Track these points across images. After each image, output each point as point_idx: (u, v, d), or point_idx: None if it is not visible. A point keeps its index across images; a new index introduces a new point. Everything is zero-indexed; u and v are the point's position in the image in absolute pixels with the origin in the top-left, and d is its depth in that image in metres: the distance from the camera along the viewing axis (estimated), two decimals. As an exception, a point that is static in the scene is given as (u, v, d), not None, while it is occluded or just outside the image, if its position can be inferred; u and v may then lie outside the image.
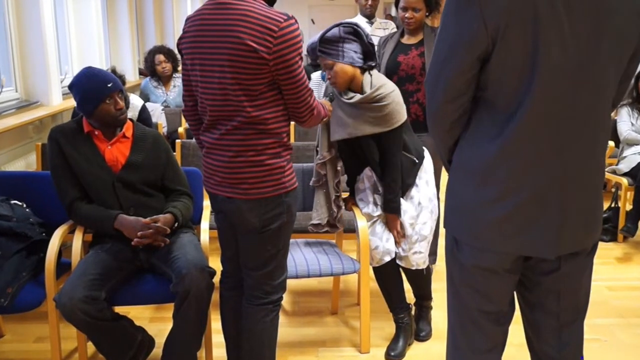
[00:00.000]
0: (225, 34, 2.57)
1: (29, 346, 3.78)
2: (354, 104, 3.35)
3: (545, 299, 2.16)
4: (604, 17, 1.81)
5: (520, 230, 1.95)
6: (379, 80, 3.37)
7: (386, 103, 3.33)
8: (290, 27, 2.58)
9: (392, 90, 3.37)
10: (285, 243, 2.91)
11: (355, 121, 3.38)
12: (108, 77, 3.23)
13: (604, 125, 1.97)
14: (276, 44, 2.54)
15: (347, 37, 3.27)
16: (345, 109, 3.40)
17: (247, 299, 2.96)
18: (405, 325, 3.70)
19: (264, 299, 2.92)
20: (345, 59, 3.29)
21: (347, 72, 3.31)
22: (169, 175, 3.44)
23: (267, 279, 2.91)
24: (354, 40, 3.29)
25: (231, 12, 2.58)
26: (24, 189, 3.64)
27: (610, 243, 5.64)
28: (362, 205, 3.63)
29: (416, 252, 3.54)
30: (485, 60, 1.87)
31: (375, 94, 3.31)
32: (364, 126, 3.37)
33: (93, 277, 3.02)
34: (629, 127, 5.76)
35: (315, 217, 3.70)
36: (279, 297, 2.98)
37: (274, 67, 2.57)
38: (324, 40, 3.29)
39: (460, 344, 2.23)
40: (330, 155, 3.58)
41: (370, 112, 3.35)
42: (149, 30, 10.40)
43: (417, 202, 3.55)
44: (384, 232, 3.54)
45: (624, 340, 3.86)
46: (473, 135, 2.01)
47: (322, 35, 3.29)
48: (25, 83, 5.63)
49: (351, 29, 3.28)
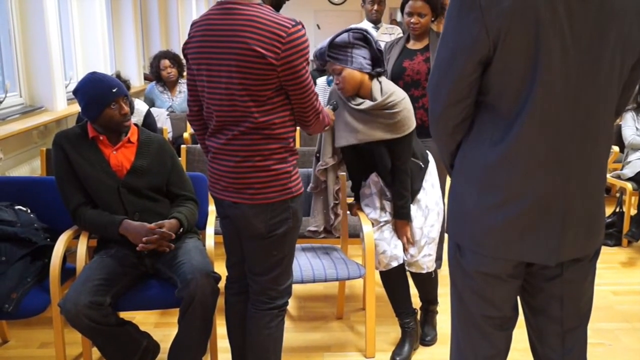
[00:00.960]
0: (232, 39, 2.57)
1: (33, 352, 3.77)
2: (365, 110, 3.34)
3: (548, 305, 2.15)
4: (606, 21, 1.80)
5: (522, 237, 1.95)
6: (388, 88, 3.36)
7: (398, 110, 3.32)
8: (298, 33, 2.57)
9: (403, 97, 3.37)
10: (291, 248, 2.91)
11: (366, 127, 3.37)
12: (113, 82, 3.24)
13: (606, 131, 1.97)
14: (284, 49, 2.54)
15: (357, 42, 3.27)
16: (355, 115, 3.39)
17: (253, 304, 2.95)
18: (411, 330, 3.69)
19: (269, 304, 2.92)
20: (354, 65, 3.28)
21: (355, 77, 3.31)
22: (174, 181, 3.44)
23: (273, 284, 2.90)
24: (363, 46, 3.28)
25: (238, 17, 2.57)
26: (29, 195, 3.64)
27: (614, 248, 5.63)
28: (368, 211, 3.62)
29: (425, 254, 3.55)
30: (487, 64, 1.87)
31: (387, 100, 3.31)
32: (376, 132, 3.36)
33: (98, 283, 3.02)
34: (633, 132, 5.75)
35: (312, 224, 3.72)
36: (285, 302, 2.97)
37: (281, 72, 2.57)
38: (333, 45, 3.28)
39: (463, 349, 2.23)
40: (333, 161, 3.59)
41: (382, 119, 3.34)
42: (154, 35, 10.41)
43: (424, 205, 3.55)
44: (392, 237, 3.53)
45: (628, 345, 3.85)
46: (475, 140, 2.01)
47: (332, 40, 3.28)
48: (29, 88, 5.63)
49: (361, 34, 3.27)
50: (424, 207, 3.54)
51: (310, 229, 3.73)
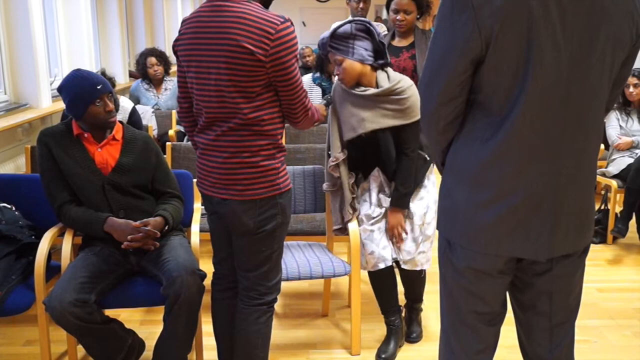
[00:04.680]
0: (221, 36, 2.58)
1: (18, 349, 3.76)
2: (370, 96, 3.33)
3: (537, 300, 2.16)
4: (597, 20, 1.81)
5: (513, 233, 1.96)
6: (395, 76, 3.37)
7: (407, 96, 3.32)
8: (286, 30, 2.59)
9: (410, 84, 3.37)
10: (280, 244, 2.91)
11: (372, 114, 3.35)
12: (97, 79, 3.22)
13: (596, 127, 1.98)
14: (273, 46, 2.55)
15: (359, 34, 3.26)
16: (360, 104, 3.37)
17: (242, 299, 2.96)
18: (396, 327, 3.70)
19: (258, 300, 2.92)
20: (355, 56, 3.27)
21: (355, 69, 3.30)
22: (159, 178, 3.43)
23: (263, 280, 2.91)
24: (365, 38, 3.28)
25: (228, 14, 2.58)
26: (13, 192, 3.62)
27: (600, 245, 5.65)
28: (364, 206, 3.59)
29: (421, 251, 3.55)
30: (479, 63, 1.87)
31: (396, 86, 3.31)
32: (384, 119, 3.35)
33: (83, 280, 3.01)
34: (617, 132, 5.79)
35: (335, 223, 3.68)
36: (274, 298, 2.98)
37: (270, 68, 2.58)
38: (336, 36, 3.27)
39: (453, 345, 2.23)
40: (344, 155, 3.52)
41: (389, 105, 3.33)
42: (139, 32, 10.38)
43: (426, 204, 3.54)
44: (382, 238, 3.52)
45: (613, 342, 3.87)
46: (467, 138, 2.01)
47: (334, 30, 3.27)
48: (14, 85, 5.61)
49: (363, 26, 3.26)
50: (425, 205, 3.54)
51: (335, 228, 3.69)
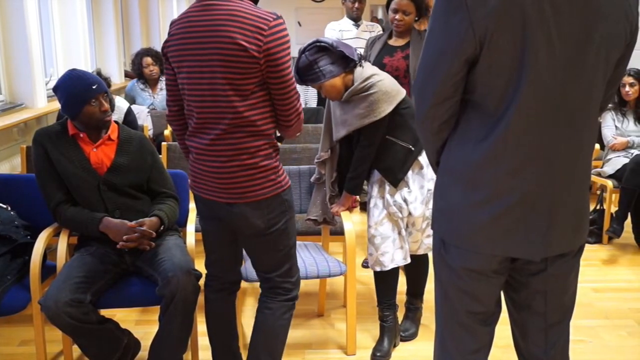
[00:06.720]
0: (214, 34, 2.57)
1: (13, 349, 3.75)
2: (345, 99, 3.40)
3: (532, 300, 2.16)
4: (591, 20, 1.81)
5: (508, 233, 1.96)
6: (368, 71, 3.40)
7: (371, 92, 3.34)
8: (279, 26, 2.59)
9: (380, 79, 3.38)
10: (294, 238, 2.95)
11: (348, 116, 3.42)
12: (93, 79, 3.22)
13: (591, 127, 1.98)
14: (266, 42, 2.55)
15: (316, 57, 3.29)
16: (342, 107, 3.46)
17: (268, 296, 2.98)
18: (389, 325, 3.70)
19: (285, 296, 2.97)
20: (327, 76, 3.31)
21: (335, 84, 3.36)
22: (154, 178, 3.43)
23: (287, 277, 2.96)
24: (324, 55, 3.30)
25: (219, 11, 2.58)
26: (9, 192, 3.62)
27: (595, 245, 5.67)
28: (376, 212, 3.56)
29: (429, 235, 3.60)
30: (473, 63, 1.87)
31: (360, 85, 3.35)
32: (357, 120, 3.39)
33: (78, 280, 3.00)
34: (613, 132, 5.81)
35: (313, 213, 3.78)
36: (296, 294, 3.03)
37: (264, 65, 2.58)
38: (300, 71, 3.32)
39: (447, 344, 2.23)
40: (327, 155, 3.65)
41: (360, 103, 3.37)
42: (134, 32, 10.35)
43: (425, 190, 3.54)
44: (397, 240, 3.53)
45: (608, 342, 3.88)
46: (461, 137, 2.01)
47: (296, 68, 3.32)
48: (9, 85, 5.60)
49: (315, 47, 3.30)
50: (425, 192, 3.54)
51: (310, 218, 3.79)
